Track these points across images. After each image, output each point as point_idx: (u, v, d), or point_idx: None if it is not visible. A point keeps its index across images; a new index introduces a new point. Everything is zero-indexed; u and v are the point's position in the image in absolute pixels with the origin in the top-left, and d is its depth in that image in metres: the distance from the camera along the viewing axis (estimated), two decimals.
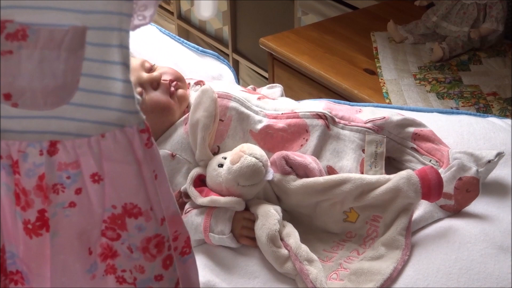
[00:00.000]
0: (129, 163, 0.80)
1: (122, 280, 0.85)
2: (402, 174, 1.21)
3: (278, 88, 1.54)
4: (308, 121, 1.33)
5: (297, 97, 1.62)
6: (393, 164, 1.37)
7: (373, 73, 1.91)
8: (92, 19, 0.76)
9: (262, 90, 1.52)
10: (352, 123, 1.34)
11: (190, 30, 3.22)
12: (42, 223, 0.81)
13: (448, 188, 1.24)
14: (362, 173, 1.29)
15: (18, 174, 0.80)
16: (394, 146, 1.36)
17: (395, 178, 1.21)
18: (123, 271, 0.85)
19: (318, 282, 1.12)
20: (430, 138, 1.36)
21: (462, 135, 1.43)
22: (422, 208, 1.25)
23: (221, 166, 1.23)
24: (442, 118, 1.50)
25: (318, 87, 1.98)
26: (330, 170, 1.29)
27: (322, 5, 2.43)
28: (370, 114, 1.38)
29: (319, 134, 1.31)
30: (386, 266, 1.14)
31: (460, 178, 1.24)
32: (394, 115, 1.37)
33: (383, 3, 2.28)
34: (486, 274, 1.13)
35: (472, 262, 1.14)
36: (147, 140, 0.81)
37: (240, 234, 1.21)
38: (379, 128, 1.34)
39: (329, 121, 1.33)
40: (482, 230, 1.20)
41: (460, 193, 1.25)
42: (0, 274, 0.84)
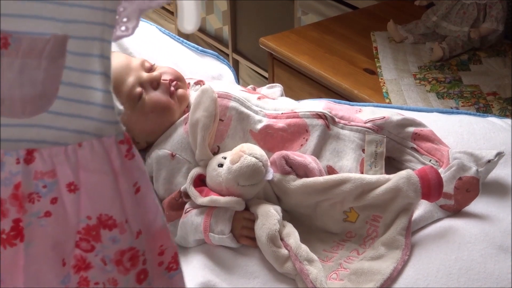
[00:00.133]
0: (105, 174, 0.79)
1: None
2: (402, 174, 1.21)
3: (278, 88, 1.54)
4: (308, 121, 1.33)
5: (297, 97, 1.62)
6: (393, 164, 1.37)
7: (373, 73, 1.91)
8: (74, 29, 0.76)
9: (262, 90, 1.52)
10: (352, 123, 1.34)
11: None
12: (17, 233, 0.80)
13: (448, 188, 1.24)
14: (362, 173, 1.29)
15: None
16: (394, 146, 1.36)
17: (395, 178, 1.21)
18: (96, 284, 0.82)
19: (318, 282, 1.12)
20: (430, 138, 1.36)
21: (462, 135, 1.43)
22: (422, 208, 1.25)
23: (221, 166, 1.23)
24: (442, 118, 1.50)
25: (318, 87, 1.98)
26: (330, 170, 1.29)
27: (322, 5, 2.43)
28: (370, 114, 1.38)
29: (319, 134, 1.31)
30: (386, 266, 1.14)
31: (460, 178, 1.24)
32: (394, 115, 1.37)
33: (383, 3, 2.28)
34: (486, 274, 1.13)
35: (472, 262, 1.14)
36: (127, 151, 0.79)
37: (240, 234, 1.21)
38: (379, 128, 1.34)
39: (329, 121, 1.33)
40: (482, 230, 1.20)
41: (460, 193, 1.25)
42: None
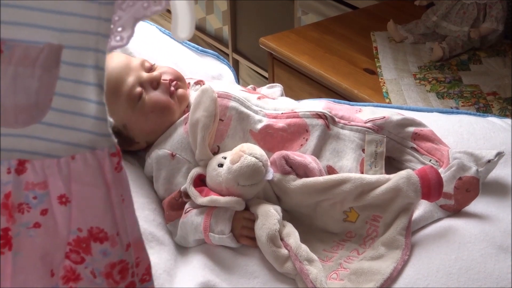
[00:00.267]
0: (98, 187, 0.78)
1: None
2: (402, 174, 1.21)
3: (278, 87, 1.54)
4: (308, 120, 1.33)
5: (297, 97, 1.62)
6: (393, 164, 1.37)
7: (373, 73, 1.91)
8: (68, 38, 0.75)
9: (262, 90, 1.52)
10: (352, 123, 1.34)
11: None
12: (5, 242, 0.79)
13: (448, 187, 1.24)
14: (362, 172, 1.29)
15: None
16: (394, 146, 1.36)
17: (395, 178, 1.21)
18: None
19: (318, 282, 1.12)
20: (430, 138, 1.36)
21: (462, 135, 1.43)
22: (422, 208, 1.25)
23: (221, 166, 1.23)
24: (442, 118, 1.50)
25: (318, 87, 1.98)
26: (330, 170, 1.29)
27: (322, 5, 2.43)
28: (370, 114, 1.38)
29: (319, 133, 1.31)
30: (386, 266, 1.14)
31: (460, 178, 1.24)
32: (394, 115, 1.37)
33: (383, 3, 2.28)
34: (486, 274, 1.13)
35: (472, 262, 1.14)
36: (117, 164, 0.79)
37: (240, 234, 1.21)
38: (379, 127, 1.34)
39: (329, 120, 1.33)
40: (482, 230, 1.20)
41: (460, 192, 1.25)
42: None
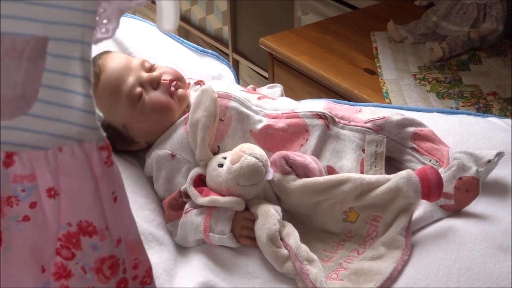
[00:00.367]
0: (86, 179, 0.78)
1: None
2: (402, 174, 1.21)
3: (278, 88, 1.54)
4: (308, 121, 1.33)
5: (297, 97, 1.62)
6: (393, 164, 1.37)
7: (373, 73, 1.91)
8: (54, 30, 0.75)
9: (262, 90, 1.52)
10: (352, 123, 1.34)
11: (190, 30, 3.22)
12: None
13: (448, 188, 1.24)
14: (362, 173, 1.29)
15: None
16: (394, 146, 1.36)
17: (395, 178, 1.21)
18: None
19: (318, 282, 1.12)
20: (430, 138, 1.36)
21: (462, 135, 1.43)
22: (422, 208, 1.25)
23: (221, 166, 1.23)
24: (442, 118, 1.50)
25: (318, 87, 1.98)
26: (330, 170, 1.29)
27: (322, 5, 2.43)
28: (370, 114, 1.38)
29: (319, 134, 1.31)
30: (386, 266, 1.14)
31: (460, 178, 1.24)
32: (394, 115, 1.37)
33: (383, 3, 2.28)
34: (486, 274, 1.13)
35: (472, 262, 1.14)
36: (107, 158, 0.78)
37: (240, 234, 1.21)
38: (379, 128, 1.34)
39: (329, 121, 1.33)
40: (482, 230, 1.20)
41: (460, 193, 1.25)
42: None
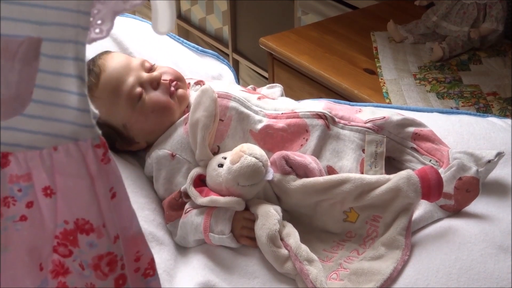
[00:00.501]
0: (82, 178, 0.78)
1: None
2: (402, 174, 1.21)
3: (278, 88, 1.54)
4: (308, 121, 1.33)
5: (297, 97, 1.62)
6: (393, 164, 1.37)
7: (373, 73, 1.91)
8: (47, 31, 0.75)
9: (262, 90, 1.52)
10: (352, 123, 1.34)
11: (190, 30, 3.22)
12: None
13: (448, 188, 1.24)
14: (362, 173, 1.29)
15: None
16: (394, 146, 1.36)
17: (395, 178, 1.21)
18: None
19: (318, 282, 1.12)
20: (430, 138, 1.36)
21: (462, 135, 1.43)
22: (422, 208, 1.25)
23: (221, 166, 1.23)
24: (442, 118, 1.50)
25: (318, 87, 1.98)
26: (330, 170, 1.29)
27: (322, 5, 2.43)
28: (370, 114, 1.38)
29: (319, 134, 1.31)
30: (386, 266, 1.14)
31: (460, 178, 1.24)
32: (394, 115, 1.37)
33: (383, 3, 2.28)
34: (486, 274, 1.13)
35: (472, 262, 1.14)
36: (103, 155, 0.79)
37: (240, 234, 1.21)
38: (379, 128, 1.34)
39: (329, 121, 1.33)
40: (482, 230, 1.20)
41: (460, 193, 1.25)
42: None
